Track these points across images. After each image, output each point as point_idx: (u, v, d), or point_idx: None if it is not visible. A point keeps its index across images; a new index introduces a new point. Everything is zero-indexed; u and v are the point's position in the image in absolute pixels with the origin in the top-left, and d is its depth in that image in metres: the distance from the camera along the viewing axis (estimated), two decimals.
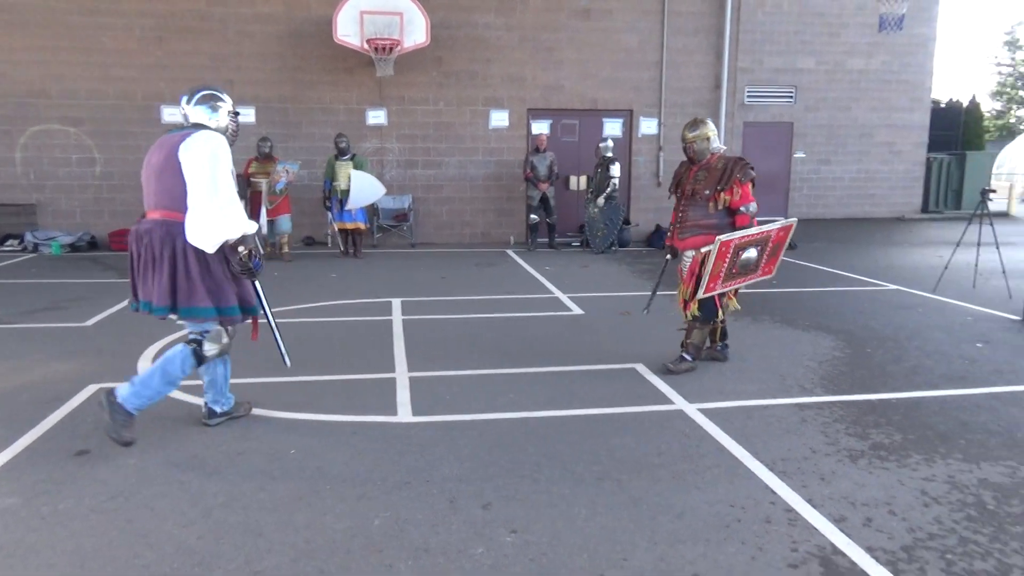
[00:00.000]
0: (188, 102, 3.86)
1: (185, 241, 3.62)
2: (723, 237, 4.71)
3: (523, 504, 3.21)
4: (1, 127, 11.76)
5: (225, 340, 3.89)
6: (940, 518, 3.09)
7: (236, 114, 4.02)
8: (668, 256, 5.30)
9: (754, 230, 4.86)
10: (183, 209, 3.61)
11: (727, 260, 4.79)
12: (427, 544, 2.88)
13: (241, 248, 3.71)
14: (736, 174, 4.91)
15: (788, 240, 5.11)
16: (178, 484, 3.39)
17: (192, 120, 3.85)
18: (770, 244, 4.99)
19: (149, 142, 3.83)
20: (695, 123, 5.09)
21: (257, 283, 3.92)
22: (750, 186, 4.97)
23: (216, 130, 3.84)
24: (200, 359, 3.82)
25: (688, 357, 5.15)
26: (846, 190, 15.03)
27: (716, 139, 5.12)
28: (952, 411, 4.39)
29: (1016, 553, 2.82)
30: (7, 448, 3.76)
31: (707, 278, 4.81)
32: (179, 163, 3.58)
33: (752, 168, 4.98)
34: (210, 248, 3.63)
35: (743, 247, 4.83)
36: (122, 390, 3.75)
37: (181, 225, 3.62)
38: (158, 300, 3.65)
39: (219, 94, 3.93)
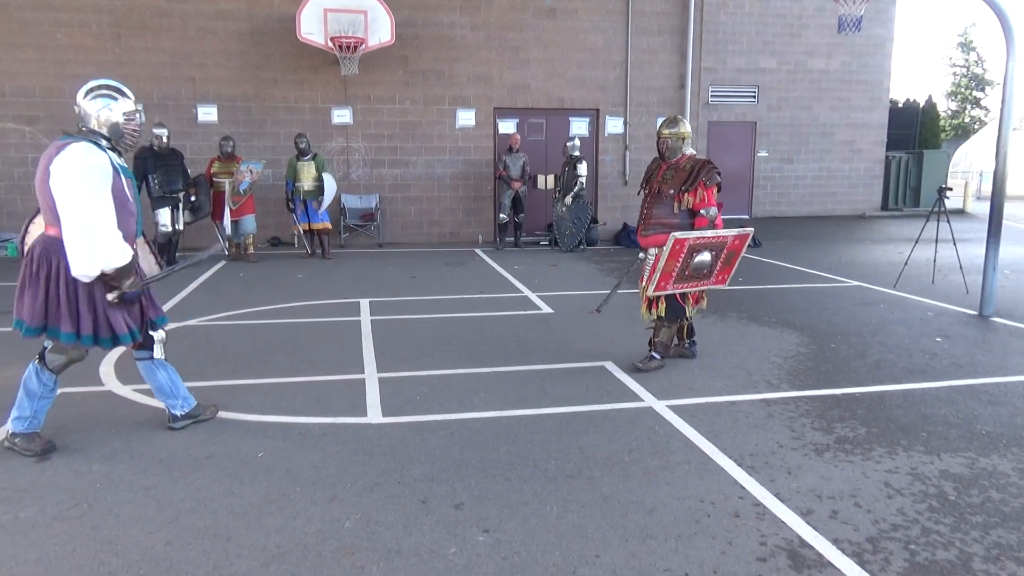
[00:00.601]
0: (84, 95, 3.61)
1: (59, 260, 3.48)
2: (678, 234, 4.76)
3: (495, 503, 3.21)
4: None
5: (73, 352, 3.69)
6: (903, 509, 3.17)
7: (135, 113, 3.70)
8: (641, 255, 5.33)
9: (710, 233, 4.90)
10: (59, 224, 3.44)
11: (680, 259, 4.82)
12: (399, 545, 2.87)
13: (110, 296, 3.55)
14: (702, 176, 4.96)
15: (743, 250, 5.13)
16: (144, 490, 3.33)
17: (84, 112, 3.59)
18: (725, 251, 5.01)
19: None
20: (674, 121, 5.15)
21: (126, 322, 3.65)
22: (715, 190, 5.01)
23: (105, 126, 3.59)
24: (50, 369, 3.71)
25: (657, 355, 5.19)
26: (808, 188, 15.28)
27: (690, 143, 5.18)
28: (913, 404, 4.50)
29: (976, 542, 2.89)
30: None
31: (659, 274, 4.85)
32: (49, 176, 3.41)
33: (719, 173, 5.03)
34: (85, 279, 3.48)
35: (698, 248, 4.86)
36: (9, 422, 3.75)
37: (58, 242, 3.47)
38: (30, 319, 3.52)
39: (115, 91, 3.66)
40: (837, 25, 12.60)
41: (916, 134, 20.51)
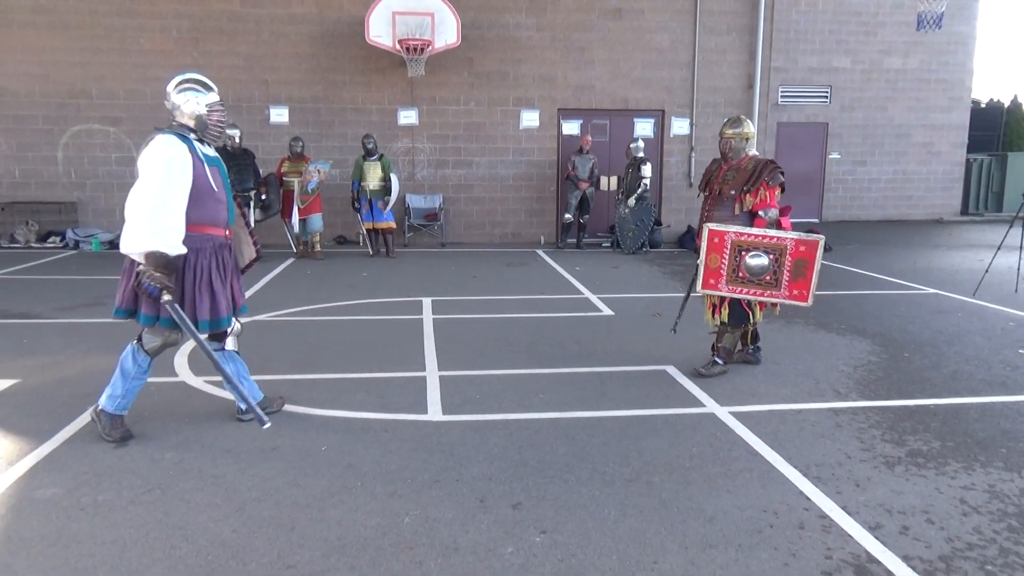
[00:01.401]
0: (172, 89, 3.78)
1: None
2: (712, 225, 4.62)
3: (553, 504, 3.21)
4: (44, 127, 12.04)
5: (169, 336, 3.80)
6: (980, 528, 3.03)
7: (221, 105, 3.86)
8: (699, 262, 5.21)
9: (757, 230, 4.73)
10: None
11: (725, 256, 4.66)
12: (457, 543, 2.89)
13: (140, 267, 3.53)
14: (764, 176, 4.84)
15: (818, 260, 4.76)
16: (213, 478, 3.45)
17: (173, 105, 3.76)
18: (789, 258, 4.72)
19: None
20: (737, 120, 5.06)
21: (173, 310, 3.62)
22: (777, 191, 4.89)
23: (191, 118, 3.73)
24: (147, 351, 3.83)
25: (719, 361, 5.10)
26: (882, 191, 14.75)
27: (754, 143, 5.08)
28: (992, 418, 4.30)
29: None
30: (49, 440, 3.86)
31: (702, 269, 4.73)
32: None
33: (782, 173, 4.91)
34: (132, 255, 3.58)
35: (747, 248, 4.70)
36: (101, 399, 3.88)
37: None
38: (117, 300, 3.71)
39: (200, 85, 3.82)
40: (916, 22, 12.16)
41: (1000, 136, 19.57)
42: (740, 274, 4.78)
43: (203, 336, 3.83)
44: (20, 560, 2.74)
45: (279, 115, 12.48)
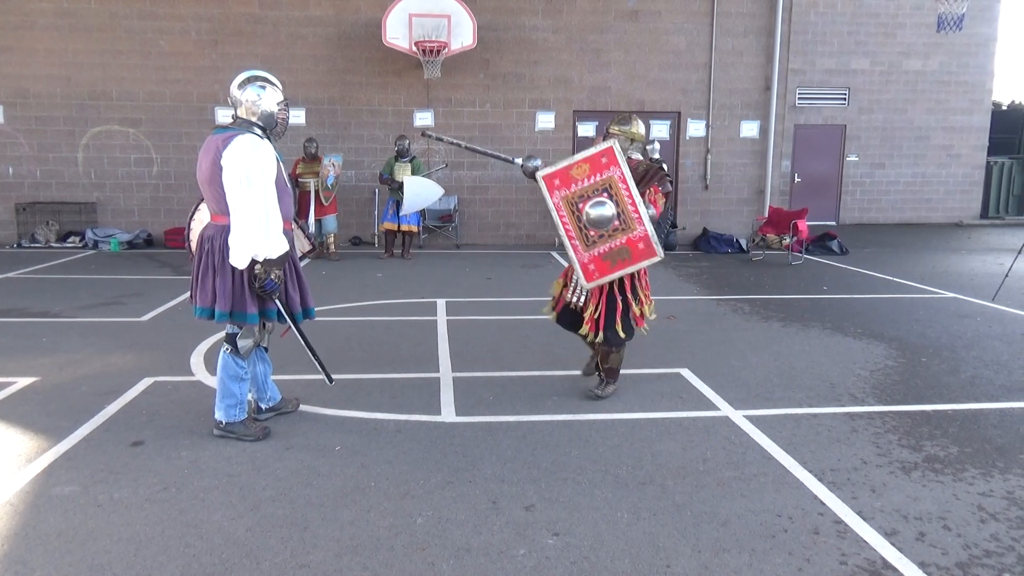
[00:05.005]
0: (237, 87, 3.79)
1: None
2: (541, 172, 4.38)
3: (565, 506, 3.21)
4: (65, 128, 12.18)
5: (258, 334, 3.92)
6: (998, 535, 2.99)
7: (286, 103, 3.91)
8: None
9: (576, 157, 4.35)
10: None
11: (561, 210, 4.36)
12: (469, 544, 2.90)
13: (257, 268, 3.61)
14: (654, 181, 4.50)
15: (631, 184, 4.32)
16: (227, 477, 3.47)
17: (240, 101, 3.76)
18: (622, 186, 4.30)
19: (203, 143, 3.85)
20: (626, 119, 4.56)
21: (278, 302, 3.82)
22: (661, 197, 4.52)
23: (262, 116, 3.76)
24: (240, 355, 3.87)
25: (612, 381, 4.72)
26: (900, 194, 14.63)
27: (640, 148, 4.67)
28: (1012, 424, 4.24)
29: None
30: (67, 437, 3.90)
31: (562, 232, 4.39)
32: (221, 169, 3.56)
33: (671, 181, 4.60)
34: (239, 264, 3.58)
35: (583, 196, 4.31)
36: (218, 414, 3.90)
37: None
38: (220, 305, 3.66)
39: (269, 78, 3.86)
40: (936, 24, 12.05)
41: (1021, 138, 19.34)
42: (590, 232, 4.37)
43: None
44: (37, 556, 2.78)
45: (296, 116, 12.52)
